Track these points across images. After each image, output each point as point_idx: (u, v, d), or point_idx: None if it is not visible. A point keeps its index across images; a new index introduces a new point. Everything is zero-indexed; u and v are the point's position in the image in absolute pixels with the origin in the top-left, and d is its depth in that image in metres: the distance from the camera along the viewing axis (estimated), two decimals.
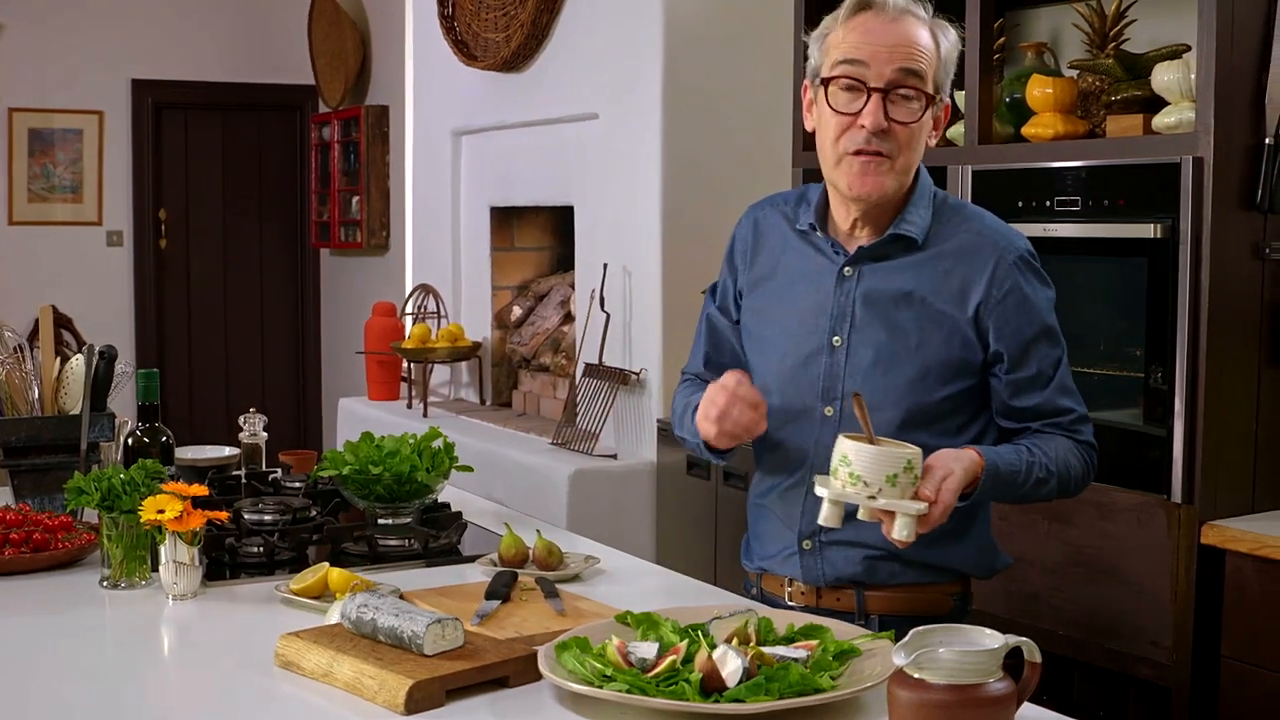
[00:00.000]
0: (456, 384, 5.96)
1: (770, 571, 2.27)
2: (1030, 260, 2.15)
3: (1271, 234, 2.89)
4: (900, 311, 2.13)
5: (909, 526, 1.92)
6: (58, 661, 2.00)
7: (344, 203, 7.72)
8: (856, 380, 2.13)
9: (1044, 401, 2.14)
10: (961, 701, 1.57)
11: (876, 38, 2.07)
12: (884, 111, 2.06)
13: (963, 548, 2.17)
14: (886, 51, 2.06)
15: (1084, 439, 2.17)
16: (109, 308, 7.89)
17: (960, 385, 2.13)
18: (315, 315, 8.55)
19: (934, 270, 2.13)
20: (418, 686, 1.74)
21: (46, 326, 2.85)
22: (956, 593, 2.21)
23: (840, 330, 2.15)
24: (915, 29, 2.09)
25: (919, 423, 2.11)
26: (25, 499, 2.72)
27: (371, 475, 2.63)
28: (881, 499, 1.91)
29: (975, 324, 2.11)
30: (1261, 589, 2.75)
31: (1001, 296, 2.10)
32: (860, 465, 1.91)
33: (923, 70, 2.07)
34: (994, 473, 2.03)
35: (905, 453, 1.93)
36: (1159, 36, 3.33)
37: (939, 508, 1.93)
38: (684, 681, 1.70)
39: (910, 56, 2.07)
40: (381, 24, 7.53)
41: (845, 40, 2.09)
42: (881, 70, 2.06)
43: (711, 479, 4.23)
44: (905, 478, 1.91)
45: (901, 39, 2.07)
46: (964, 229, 2.15)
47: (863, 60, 2.06)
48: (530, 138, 5.33)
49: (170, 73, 8.05)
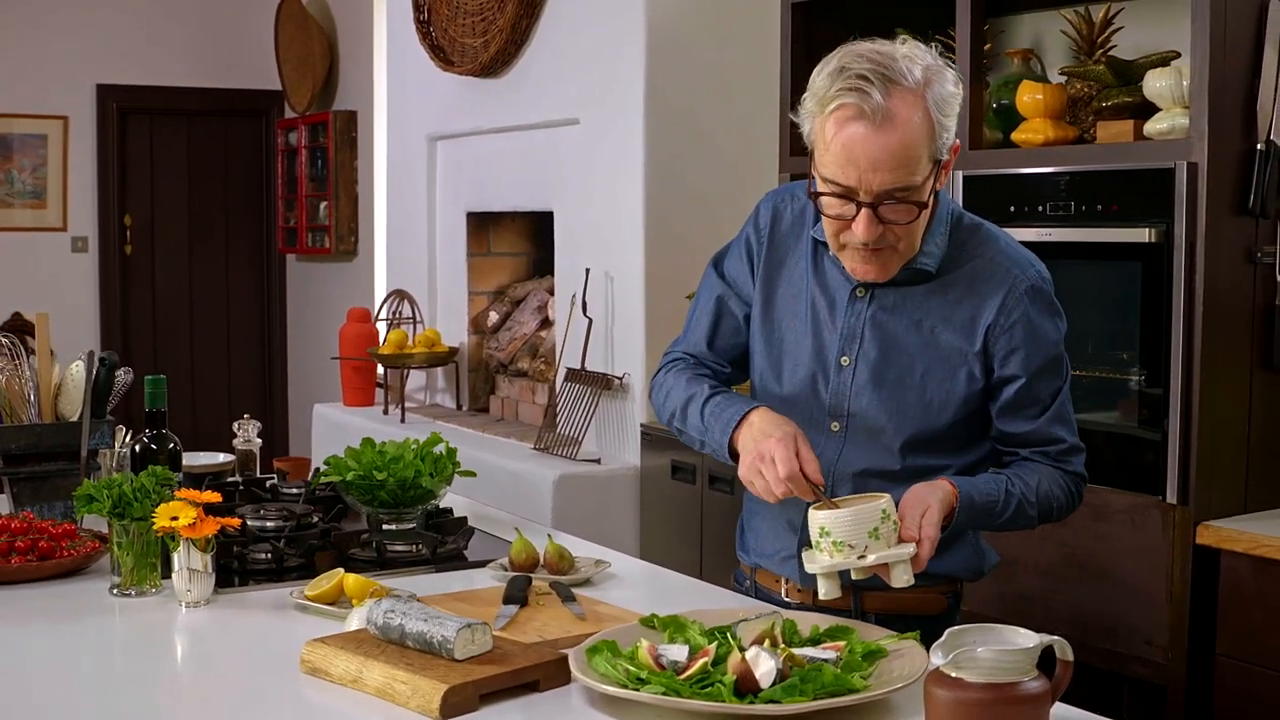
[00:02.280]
0: (432, 389, 5.95)
1: (766, 568, 2.28)
2: (1042, 289, 2.13)
3: (1263, 238, 2.93)
4: (910, 338, 2.13)
5: (906, 571, 1.96)
6: (74, 671, 1.99)
7: (311, 208, 7.69)
8: (861, 401, 2.14)
9: (1035, 430, 2.14)
10: (999, 700, 1.59)
11: (859, 153, 1.97)
12: (876, 220, 2.00)
13: (953, 555, 2.19)
14: (871, 170, 1.97)
15: (1072, 470, 2.17)
16: (74, 314, 7.81)
17: (963, 411, 2.14)
18: (282, 321, 8.50)
19: (944, 300, 2.12)
20: (452, 691, 1.74)
21: (43, 334, 2.83)
22: (951, 591, 2.24)
23: (849, 350, 2.15)
24: (903, 126, 1.96)
25: (920, 446, 2.14)
26: (24, 507, 2.70)
27: (375, 481, 2.63)
28: (871, 555, 1.95)
29: (983, 352, 2.11)
30: (1258, 588, 2.78)
31: (1009, 325, 2.10)
32: (839, 531, 1.95)
33: (913, 181, 1.99)
34: (969, 504, 2.06)
35: (878, 504, 1.96)
36: (1144, 43, 3.38)
37: (926, 544, 1.97)
38: (718, 683, 1.72)
39: (897, 173, 1.98)
40: (350, 28, 7.50)
41: (829, 152, 2.00)
42: (869, 188, 1.98)
43: (696, 483, 4.25)
44: (885, 527, 1.95)
45: (885, 153, 1.96)
46: (978, 254, 2.13)
47: (849, 181, 1.99)
48: (508, 143, 5.33)
49: (135, 78, 7.99)
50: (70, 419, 2.76)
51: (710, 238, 4.54)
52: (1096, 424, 3.05)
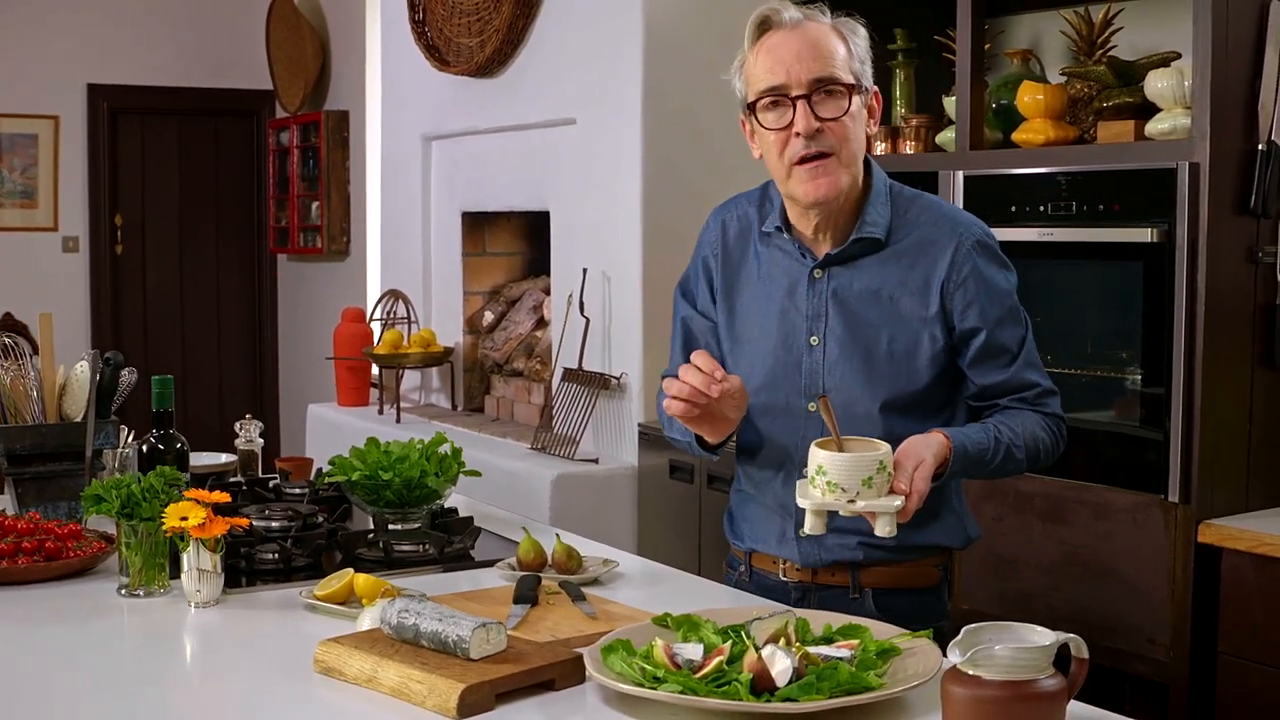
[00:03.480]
0: (427, 389, 5.95)
1: (762, 551, 2.34)
2: (987, 243, 2.24)
3: (1264, 238, 2.95)
4: (870, 309, 2.23)
5: (890, 523, 2.02)
6: (84, 672, 1.99)
7: (303, 208, 7.68)
8: (835, 377, 2.23)
9: (1010, 378, 2.23)
10: (1016, 697, 1.60)
11: (783, 52, 2.16)
12: (812, 115, 2.15)
13: (940, 524, 2.28)
14: (796, 61, 2.15)
15: (1050, 411, 2.26)
16: (65, 314, 7.75)
17: (933, 372, 2.23)
18: (273, 321, 8.49)
19: (898, 265, 2.23)
20: (469, 690, 1.74)
21: (47, 335, 2.82)
22: (941, 563, 2.32)
23: (816, 330, 2.25)
24: (817, 34, 2.17)
25: (896, 410, 2.22)
26: (29, 507, 2.70)
27: (381, 481, 2.63)
28: (860, 501, 2.01)
29: (941, 311, 2.21)
30: (1259, 586, 2.80)
31: (961, 280, 2.20)
32: (835, 473, 2.00)
33: (835, 68, 2.16)
34: (962, 453, 2.13)
35: (876, 454, 2.02)
36: (1141, 44, 3.39)
37: (914, 498, 2.03)
38: (735, 682, 1.72)
39: (818, 58, 2.15)
40: (341, 28, 7.50)
41: (758, 65, 2.19)
42: (799, 78, 2.15)
43: (695, 482, 4.25)
44: (879, 477, 2.01)
45: (805, 45, 2.16)
46: (922, 219, 2.25)
47: (778, 79, 2.16)
48: (504, 142, 5.32)
49: (127, 77, 7.97)
50: (74, 419, 2.76)
51: None
52: (1098, 423, 3.06)
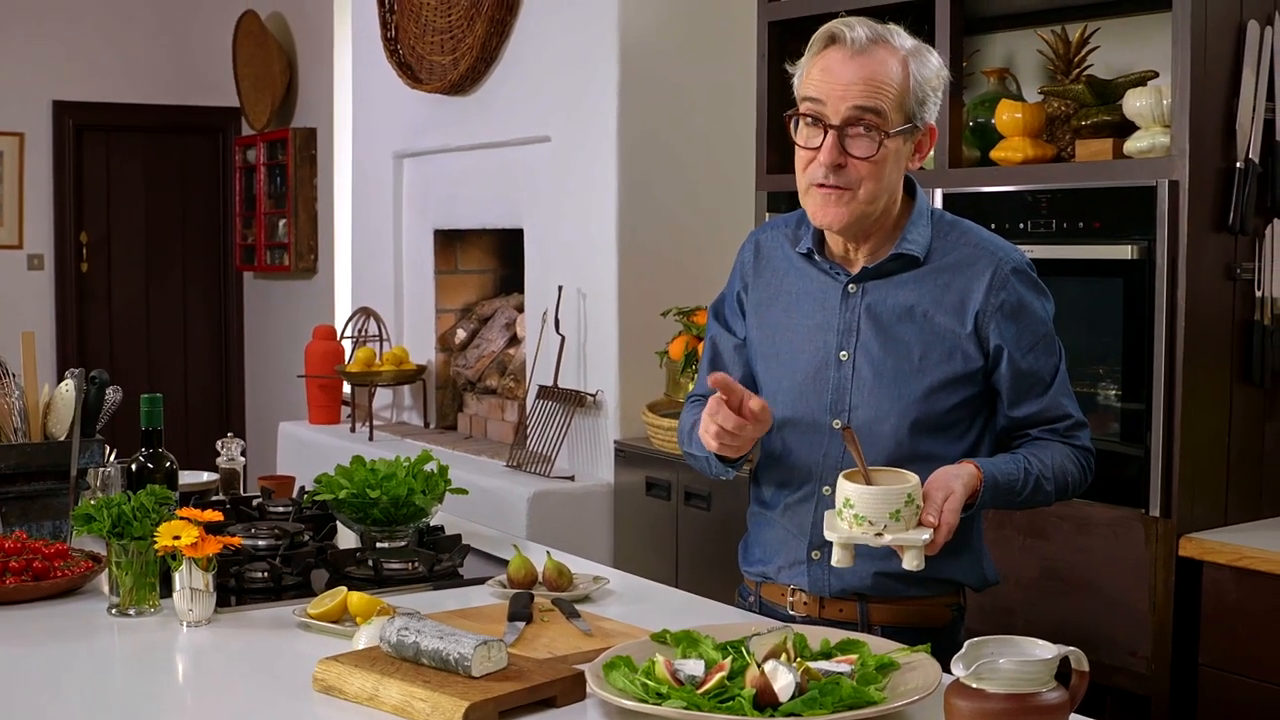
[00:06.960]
0: (399, 407, 5.93)
1: (772, 580, 2.30)
2: (1027, 271, 2.22)
3: (1242, 255, 2.99)
4: (903, 326, 2.19)
5: (918, 556, 2.00)
6: (77, 693, 1.98)
7: (270, 226, 7.65)
8: (863, 393, 2.19)
9: (1042, 409, 2.21)
10: (1020, 710, 1.62)
11: (835, 75, 2.11)
12: (840, 148, 2.11)
13: (961, 561, 2.23)
14: (843, 89, 2.09)
15: (1080, 444, 2.24)
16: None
17: (964, 395, 2.19)
18: (239, 339, 8.45)
19: (934, 284, 2.19)
20: (474, 708, 1.74)
21: (29, 353, 2.81)
22: (955, 604, 2.27)
23: (847, 345, 2.21)
24: (880, 62, 2.11)
25: (924, 431, 2.18)
26: (13, 527, 2.67)
27: (369, 499, 2.63)
28: (888, 535, 1.99)
29: (975, 333, 2.17)
30: (1239, 599, 2.83)
31: (999, 304, 2.17)
32: (863, 506, 1.99)
33: (880, 106, 2.10)
34: (993, 484, 2.11)
35: (905, 486, 2.00)
36: (1116, 63, 3.43)
37: (943, 530, 2.00)
38: (738, 697, 1.73)
39: (867, 94, 2.09)
40: (309, 45, 7.48)
41: (810, 77, 2.15)
42: (837, 108, 2.10)
43: (672, 499, 4.26)
44: (908, 510, 1.99)
45: (860, 76, 2.10)
46: (962, 243, 2.22)
47: (820, 99, 2.11)
48: (477, 160, 5.33)
49: (92, 94, 7.93)
50: (59, 438, 2.74)
51: (684, 254, 4.60)
52: None
